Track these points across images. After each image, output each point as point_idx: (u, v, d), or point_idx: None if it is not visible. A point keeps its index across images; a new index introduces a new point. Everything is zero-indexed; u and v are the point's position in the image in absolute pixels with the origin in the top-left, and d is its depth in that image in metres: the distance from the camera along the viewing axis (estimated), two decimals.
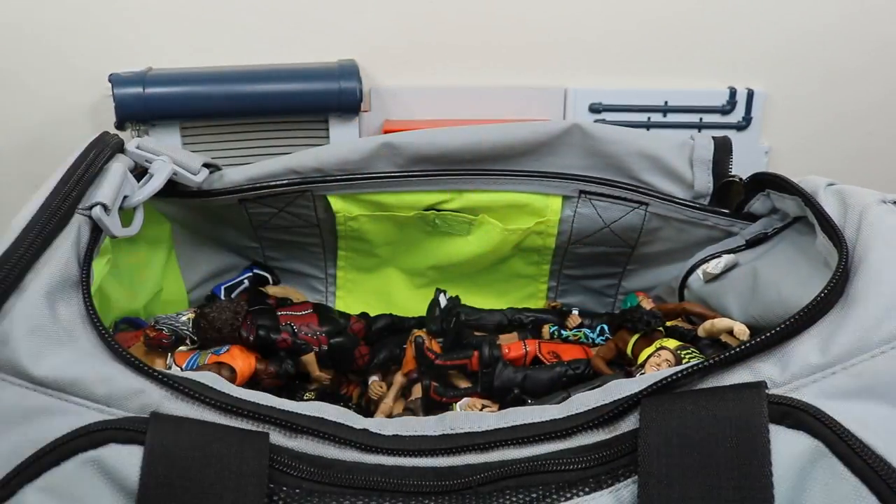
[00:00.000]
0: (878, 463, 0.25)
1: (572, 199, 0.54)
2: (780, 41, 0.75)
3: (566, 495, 0.28)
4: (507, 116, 0.72)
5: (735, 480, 0.26)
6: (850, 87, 0.78)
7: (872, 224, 0.33)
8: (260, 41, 0.72)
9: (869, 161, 0.82)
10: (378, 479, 0.30)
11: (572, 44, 0.74)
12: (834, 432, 0.26)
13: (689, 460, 0.27)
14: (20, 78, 0.71)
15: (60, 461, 0.28)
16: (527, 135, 0.51)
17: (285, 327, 0.50)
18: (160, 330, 0.45)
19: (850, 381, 0.28)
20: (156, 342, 0.45)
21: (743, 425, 0.27)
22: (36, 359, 0.30)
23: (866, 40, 0.76)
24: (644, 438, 0.28)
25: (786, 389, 0.29)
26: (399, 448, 0.31)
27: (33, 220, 0.35)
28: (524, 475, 0.29)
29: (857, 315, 0.29)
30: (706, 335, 0.44)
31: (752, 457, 0.26)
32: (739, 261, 0.50)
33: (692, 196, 0.53)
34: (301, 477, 0.29)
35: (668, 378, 0.30)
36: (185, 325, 0.46)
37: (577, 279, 0.61)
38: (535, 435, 0.30)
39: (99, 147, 0.42)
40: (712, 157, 0.52)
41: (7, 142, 0.73)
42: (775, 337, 0.30)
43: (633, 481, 0.28)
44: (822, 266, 0.38)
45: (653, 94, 0.75)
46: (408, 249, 0.59)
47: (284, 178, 0.51)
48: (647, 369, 0.41)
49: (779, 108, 0.78)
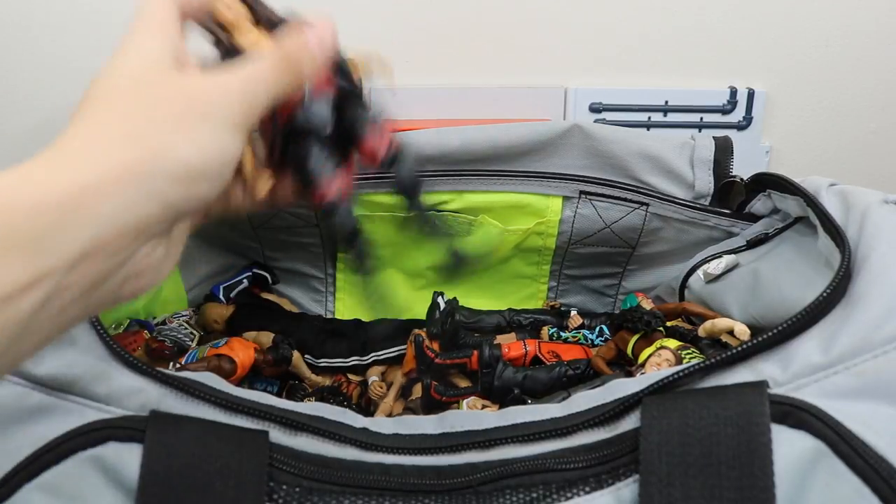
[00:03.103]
0: (879, 463, 0.25)
1: (573, 199, 0.54)
2: (781, 40, 0.75)
3: (567, 494, 0.28)
4: (507, 116, 0.72)
5: (736, 480, 0.26)
6: (851, 86, 0.78)
7: (875, 224, 0.33)
8: None
9: (871, 161, 0.82)
10: (378, 477, 0.30)
11: (572, 44, 0.74)
12: (835, 432, 0.26)
13: (691, 459, 0.27)
14: (20, 78, 0.70)
15: (60, 460, 0.28)
16: (527, 135, 0.51)
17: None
18: (162, 340, 0.45)
19: (852, 380, 0.28)
20: (157, 353, 0.45)
21: (744, 424, 0.27)
22: (37, 359, 0.30)
23: (867, 40, 0.76)
24: (645, 437, 0.28)
25: (787, 389, 0.29)
26: (399, 446, 0.31)
27: None
28: (525, 474, 0.29)
29: (860, 315, 0.29)
30: (707, 335, 0.44)
31: (753, 456, 0.26)
32: (740, 261, 0.49)
33: (693, 196, 0.53)
34: (301, 475, 0.29)
35: (669, 377, 0.30)
36: (187, 336, 0.46)
37: (578, 279, 0.61)
38: (535, 433, 0.30)
39: None
40: (713, 157, 0.52)
41: (6, 142, 0.73)
42: (777, 336, 0.30)
43: (634, 480, 0.28)
44: (823, 266, 0.38)
45: (653, 93, 0.75)
46: (407, 250, 0.59)
47: None
48: (648, 369, 0.41)
49: (780, 108, 0.77)
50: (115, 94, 0.26)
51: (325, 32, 0.31)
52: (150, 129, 0.25)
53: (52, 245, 0.22)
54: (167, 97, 0.26)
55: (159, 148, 0.25)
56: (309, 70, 0.30)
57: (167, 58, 0.27)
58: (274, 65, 0.29)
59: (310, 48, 0.30)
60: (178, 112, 0.26)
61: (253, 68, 0.29)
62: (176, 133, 0.25)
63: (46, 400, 0.30)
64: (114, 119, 0.25)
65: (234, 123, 0.27)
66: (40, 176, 0.23)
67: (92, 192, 0.23)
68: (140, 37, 0.28)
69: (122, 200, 0.24)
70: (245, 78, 0.28)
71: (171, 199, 0.25)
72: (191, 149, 0.25)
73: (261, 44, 0.31)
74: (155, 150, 0.25)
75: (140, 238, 0.25)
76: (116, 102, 0.26)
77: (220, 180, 0.27)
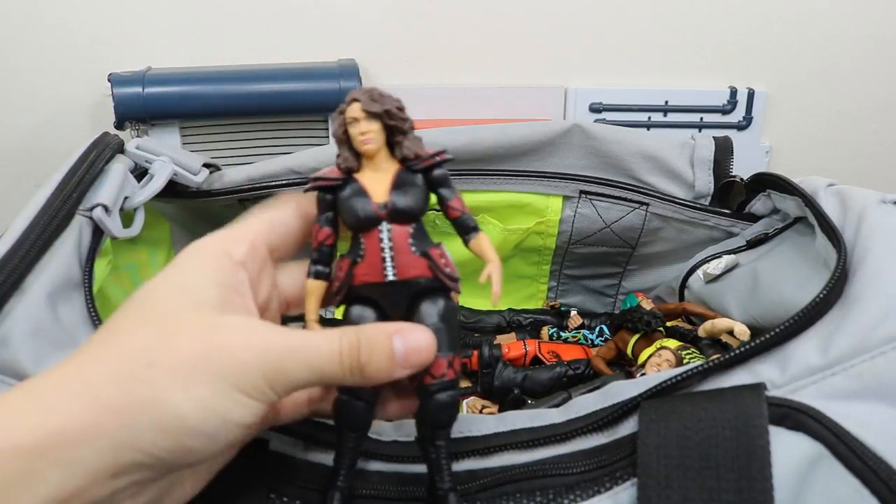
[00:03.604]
0: (878, 464, 0.25)
1: (573, 199, 0.54)
2: (781, 40, 0.75)
3: (565, 500, 0.28)
4: (507, 116, 0.72)
5: (735, 482, 0.26)
6: (851, 86, 0.78)
7: (872, 225, 0.33)
8: (260, 41, 0.72)
9: (870, 160, 0.82)
10: (378, 486, 0.30)
11: (572, 44, 0.74)
12: (834, 434, 0.26)
13: (689, 462, 0.26)
14: (20, 78, 0.70)
15: None
16: (527, 135, 0.51)
17: None
18: None
19: (850, 382, 0.28)
20: None
21: (742, 427, 0.26)
22: (37, 361, 0.30)
23: (867, 40, 0.76)
24: (643, 440, 0.28)
25: (785, 391, 0.29)
26: (399, 454, 0.31)
27: (34, 222, 0.34)
28: (524, 480, 0.29)
29: (857, 316, 0.29)
30: (706, 335, 0.44)
31: (751, 459, 0.26)
32: (740, 261, 0.50)
33: (693, 196, 0.53)
34: (301, 486, 0.29)
35: (666, 381, 0.30)
36: None
37: (578, 279, 0.61)
38: (534, 439, 0.30)
39: (99, 148, 0.42)
40: (713, 157, 0.52)
41: (7, 142, 0.73)
42: (774, 338, 0.30)
43: (633, 484, 0.28)
44: (822, 267, 0.38)
45: (653, 93, 0.75)
46: None
47: (284, 179, 0.51)
48: (648, 369, 0.41)
49: (779, 108, 0.77)
50: (130, 325, 0.24)
51: (417, 348, 0.26)
52: (149, 374, 0.22)
53: (22, 492, 0.20)
54: (184, 340, 0.23)
55: (151, 397, 0.22)
56: (374, 378, 0.26)
57: (210, 294, 0.25)
58: (332, 352, 0.25)
59: (389, 356, 0.26)
60: (189, 362, 0.23)
61: (305, 342, 0.25)
62: (176, 385, 0.22)
63: None
64: (111, 356, 0.23)
65: (249, 393, 0.23)
66: (19, 417, 0.21)
67: (66, 437, 0.21)
68: (189, 267, 0.25)
69: (98, 446, 0.21)
70: (288, 348, 0.24)
71: (157, 452, 0.22)
72: (188, 404, 0.22)
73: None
74: (144, 400, 0.22)
75: (118, 481, 0.22)
76: (125, 337, 0.24)
77: (220, 443, 0.24)
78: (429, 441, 0.28)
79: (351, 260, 0.28)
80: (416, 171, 0.29)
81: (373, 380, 0.26)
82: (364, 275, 0.28)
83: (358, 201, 0.28)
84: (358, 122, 0.28)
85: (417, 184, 0.29)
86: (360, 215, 0.28)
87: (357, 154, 0.28)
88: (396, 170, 0.29)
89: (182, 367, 0.23)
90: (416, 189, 0.28)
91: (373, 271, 0.28)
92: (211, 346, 0.23)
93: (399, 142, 0.29)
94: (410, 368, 0.26)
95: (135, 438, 0.22)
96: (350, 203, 0.28)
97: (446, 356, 0.28)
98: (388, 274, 0.28)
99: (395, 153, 0.29)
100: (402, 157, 0.29)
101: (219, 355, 0.23)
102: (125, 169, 0.42)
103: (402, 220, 0.28)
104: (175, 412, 0.22)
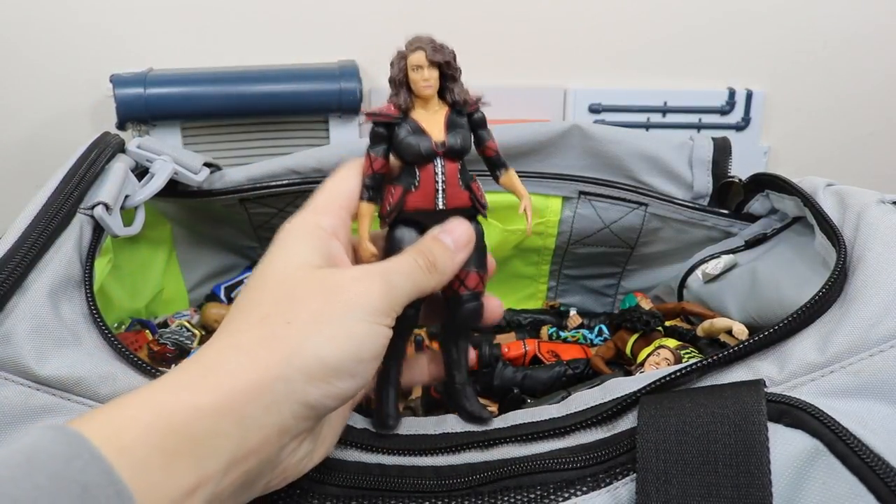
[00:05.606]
0: (875, 462, 0.25)
1: (572, 199, 0.54)
2: (780, 42, 0.75)
3: (564, 495, 0.28)
4: (507, 116, 0.72)
5: (733, 478, 0.26)
6: (849, 87, 0.78)
7: (871, 224, 0.34)
8: (260, 41, 0.72)
9: (868, 161, 0.82)
10: (378, 478, 0.30)
11: (572, 44, 0.74)
12: (832, 431, 0.26)
13: (688, 458, 0.27)
14: (21, 78, 0.71)
15: None
16: (527, 135, 0.52)
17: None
18: (164, 344, 0.46)
19: (849, 379, 0.28)
20: (160, 356, 0.46)
21: (741, 423, 0.27)
22: (39, 358, 0.30)
23: (865, 41, 0.76)
24: (642, 436, 0.28)
25: (784, 388, 0.29)
26: (399, 447, 0.31)
27: (36, 220, 0.35)
28: (523, 475, 0.29)
29: (856, 314, 0.29)
30: (705, 335, 0.44)
31: (750, 455, 0.26)
32: (739, 261, 0.50)
33: (692, 197, 0.53)
34: (302, 477, 0.29)
35: (666, 377, 0.30)
36: (188, 337, 0.46)
37: (577, 279, 0.61)
38: (534, 433, 0.31)
39: (100, 147, 0.42)
40: (711, 158, 0.52)
41: (8, 142, 0.73)
42: (774, 335, 0.30)
43: (632, 479, 0.28)
44: (820, 266, 0.39)
45: (652, 94, 0.75)
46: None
47: (285, 178, 0.51)
48: (647, 368, 0.41)
49: (778, 109, 0.78)
50: (258, 297, 0.27)
51: (461, 235, 0.32)
52: (287, 330, 0.25)
53: (210, 450, 0.22)
54: (306, 295, 0.27)
55: (294, 348, 0.25)
56: (446, 269, 0.31)
57: (314, 258, 0.28)
58: (414, 262, 0.30)
59: (445, 246, 0.31)
60: (316, 308, 0.26)
61: (393, 261, 0.30)
62: (311, 330, 0.26)
63: (51, 400, 0.30)
64: (252, 324, 0.26)
65: (375, 314, 0.27)
66: (193, 383, 0.24)
67: (237, 396, 0.23)
68: (289, 241, 0.29)
69: (263, 402, 0.24)
70: (385, 269, 0.29)
71: (310, 399, 0.25)
72: (326, 345, 0.25)
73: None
74: (289, 351, 0.25)
75: (284, 437, 0.25)
76: (258, 307, 0.27)
77: (360, 377, 0.27)
78: (453, 342, 0.34)
79: (404, 188, 0.32)
80: (463, 115, 0.33)
81: (445, 272, 0.31)
82: (416, 202, 0.32)
83: (419, 139, 0.31)
84: (422, 69, 0.31)
85: (465, 126, 0.32)
86: (423, 151, 0.31)
87: (411, 96, 0.32)
88: (447, 112, 0.32)
89: (313, 317, 0.26)
90: (464, 130, 0.32)
91: (425, 200, 0.32)
92: (329, 291, 0.27)
93: (451, 87, 0.32)
94: (464, 251, 0.32)
95: (290, 390, 0.24)
96: (411, 140, 0.31)
97: (477, 271, 0.33)
98: (439, 203, 0.32)
99: (444, 97, 0.32)
100: (453, 102, 0.32)
101: (339, 295, 0.27)
102: (126, 168, 0.42)
103: (454, 157, 0.32)
104: (317, 356, 0.25)
